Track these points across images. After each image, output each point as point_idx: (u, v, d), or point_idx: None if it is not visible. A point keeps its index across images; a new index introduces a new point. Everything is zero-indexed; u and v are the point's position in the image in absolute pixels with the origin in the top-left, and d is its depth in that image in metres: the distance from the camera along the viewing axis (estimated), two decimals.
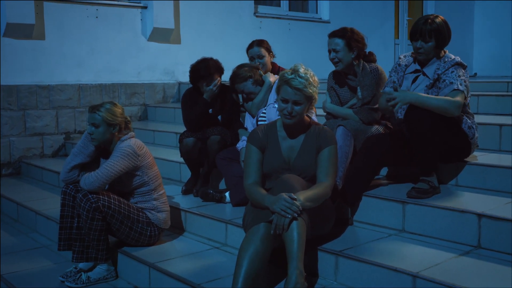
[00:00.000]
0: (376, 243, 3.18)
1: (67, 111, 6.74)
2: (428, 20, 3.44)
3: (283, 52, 8.57)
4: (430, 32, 3.42)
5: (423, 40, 3.44)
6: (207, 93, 4.45)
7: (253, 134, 3.24)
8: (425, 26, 3.42)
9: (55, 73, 6.65)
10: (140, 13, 7.28)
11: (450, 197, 3.38)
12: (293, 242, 2.70)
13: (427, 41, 3.44)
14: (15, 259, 4.01)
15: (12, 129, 6.35)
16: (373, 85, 3.87)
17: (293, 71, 3.07)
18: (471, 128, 3.47)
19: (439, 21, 3.45)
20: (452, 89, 3.33)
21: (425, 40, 3.44)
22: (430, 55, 3.49)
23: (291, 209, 2.74)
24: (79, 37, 6.79)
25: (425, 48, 3.46)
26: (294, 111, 3.06)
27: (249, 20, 8.36)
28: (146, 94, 7.40)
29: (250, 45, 4.84)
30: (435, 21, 3.44)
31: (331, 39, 3.92)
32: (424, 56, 3.50)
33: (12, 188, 5.72)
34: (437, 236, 3.17)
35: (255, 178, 3.15)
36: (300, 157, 3.18)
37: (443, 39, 3.45)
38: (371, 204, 3.50)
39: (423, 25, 3.43)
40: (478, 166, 3.56)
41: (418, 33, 3.44)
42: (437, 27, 3.42)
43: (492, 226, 2.95)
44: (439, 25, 3.43)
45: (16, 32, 6.26)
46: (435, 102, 3.26)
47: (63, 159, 6.47)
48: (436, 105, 3.25)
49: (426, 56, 3.50)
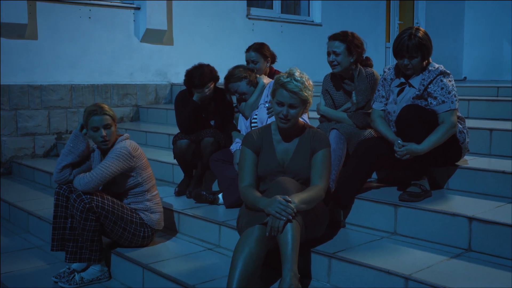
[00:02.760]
0: (369, 246, 3.21)
1: (59, 111, 6.73)
2: (411, 36, 3.42)
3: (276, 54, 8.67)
4: (415, 47, 3.40)
5: (409, 57, 3.43)
6: (198, 96, 4.46)
7: (247, 137, 3.27)
8: (410, 41, 3.40)
9: (48, 73, 6.64)
10: (133, 14, 7.29)
11: (442, 200, 3.43)
12: (288, 244, 2.73)
13: (413, 57, 3.43)
14: (7, 260, 4.01)
15: (4, 129, 6.33)
16: (368, 90, 3.90)
17: (288, 74, 3.10)
18: (462, 132, 3.52)
19: (421, 34, 3.44)
20: (445, 110, 3.38)
21: (412, 56, 3.43)
22: (418, 69, 3.50)
23: (286, 211, 2.77)
24: (72, 38, 6.78)
25: (413, 64, 3.46)
26: (289, 114, 3.09)
27: (241, 22, 8.39)
28: (138, 95, 7.41)
29: (248, 48, 4.85)
30: (417, 35, 3.43)
31: (331, 42, 3.93)
32: (412, 71, 3.51)
33: (3, 188, 5.70)
34: (428, 239, 3.21)
35: (250, 181, 3.18)
36: (294, 160, 3.21)
37: (428, 52, 3.47)
38: (364, 207, 3.54)
39: (407, 41, 3.41)
40: (469, 170, 3.61)
41: (404, 50, 3.42)
42: (421, 41, 3.41)
43: (482, 230, 3.00)
44: (423, 39, 3.43)
45: (9, 32, 6.25)
46: (440, 139, 3.35)
47: (54, 159, 6.47)
48: (442, 140, 3.36)
49: (413, 71, 3.52)
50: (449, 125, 3.37)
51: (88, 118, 3.61)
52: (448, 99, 3.39)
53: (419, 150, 3.33)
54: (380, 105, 3.70)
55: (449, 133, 3.38)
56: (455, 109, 3.41)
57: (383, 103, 3.69)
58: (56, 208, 3.71)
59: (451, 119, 3.39)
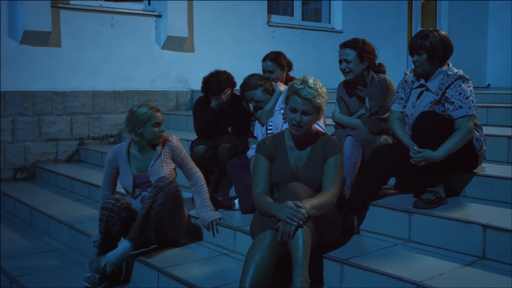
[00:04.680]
0: (382, 252, 3.21)
1: (81, 117, 6.85)
2: (421, 34, 3.51)
3: (296, 62, 8.60)
4: (421, 45, 3.47)
5: (416, 53, 3.51)
6: (215, 102, 4.51)
7: (261, 144, 3.30)
8: (416, 39, 3.51)
9: (70, 80, 6.77)
10: (154, 22, 7.39)
11: (457, 207, 3.41)
12: (298, 250, 2.75)
13: (420, 54, 3.50)
14: (26, 261, 4.09)
15: (27, 134, 6.46)
16: (381, 95, 3.91)
17: (302, 81, 3.13)
18: (479, 140, 3.50)
19: (433, 34, 3.48)
20: (462, 115, 3.37)
21: (418, 53, 3.50)
22: (427, 67, 3.52)
23: (297, 216, 2.78)
24: (94, 45, 6.91)
25: (420, 61, 3.51)
26: (302, 121, 3.11)
27: (262, 30, 8.44)
28: (159, 101, 7.49)
29: (264, 57, 4.85)
30: (429, 34, 3.48)
31: (342, 49, 3.97)
32: (421, 69, 3.55)
33: (26, 192, 5.83)
34: (442, 246, 3.19)
35: (264, 188, 3.20)
36: (307, 167, 3.23)
37: (437, 52, 3.47)
38: (378, 214, 3.53)
39: (415, 38, 3.52)
40: (486, 178, 3.58)
41: (412, 47, 3.53)
42: (429, 40, 3.46)
43: (497, 237, 2.97)
44: (432, 38, 3.46)
45: (33, 39, 6.39)
46: (456, 145, 3.33)
47: (76, 164, 6.61)
48: (459, 146, 3.34)
49: (422, 69, 3.54)
50: (465, 131, 3.35)
51: (150, 115, 3.82)
52: (465, 104, 3.37)
53: (434, 157, 3.32)
54: (398, 107, 3.70)
55: (465, 139, 3.36)
56: (472, 115, 3.39)
57: (402, 105, 3.68)
58: (107, 224, 3.62)
59: (468, 125, 3.37)
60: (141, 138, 3.89)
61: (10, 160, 6.39)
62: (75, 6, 6.74)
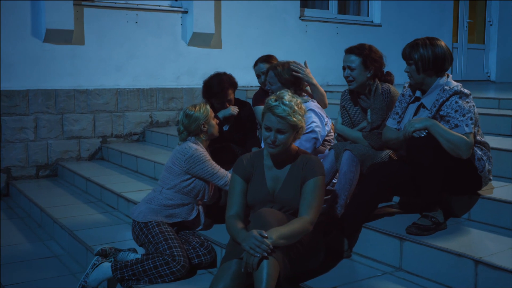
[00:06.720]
0: (367, 283, 2.97)
1: (104, 115, 6.84)
2: (413, 43, 3.25)
3: (330, 58, 8.39)
4: (409, 55, 3.24)
5: (407, 63, 3.28)
6: (223, 113, 4.36)
7: (238, 163, 3.10)
8: (406, 48, 3.28)
9: (93, 78, 6.76)
10: (180, 18, 7.26)
11: (454, 235, 3.11)
12: (262, 282, 2.56)
13: (410, 64, 3.26)
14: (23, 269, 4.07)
15: (50, 132, 6.50)
16: (384, 108, 3.61)
17: (277, 98, 2.90)
18: (481, 160, 3.16)
19: (425, 44, 3.19)
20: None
21: (408, 63, 3.27)
22: (417, 78, 3.24)
23: (260, 247, 2.59)
24: (118, 42, 6.86)
25: (410, 72, 3.27)
26: (277, 140, 2.89)
27: (294, 24, 8.17)
28: (184, 98, 7.39)
29: (255, 62, 4.62)
30: (419, 44, 3.21)
31: (346, 55, 3.71)
32: (412, 80, 3.30)
33: (42, 191, 5.84)
34: (433, 278, 2.93)
35: (237, 210, 3.00)
36: (284, 189, 3.00)
37: (426, 64, 3.17)
38: (370, 237, 3.29)
39: (406, 47, 3.29)
40: (492, 201, 3.26)
41: (402, 55, 3.31)
42: (418, 51, 3.19)
43: (489, 275, 2.68)
44: (422, 49, 3.18)
45: (56, 38, 6.39)
46: (450, 135, 3.01)
47: (99, 162, 6.61)
48: (450, 138, 3.00)
49: (414, 80, 3.28)
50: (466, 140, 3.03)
51: (208, 110, 3.72)
52: (462, 122, 3.05)
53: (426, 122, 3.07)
54: (392, 122, 3.42)
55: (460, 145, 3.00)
56: (470, 133, 3.06)
57: (396, 120, 3.41)
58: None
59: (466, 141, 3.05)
60: (205, 135, 3.73)
61: (33, 158, 6.44)
62: (99, 4, 6.70)
